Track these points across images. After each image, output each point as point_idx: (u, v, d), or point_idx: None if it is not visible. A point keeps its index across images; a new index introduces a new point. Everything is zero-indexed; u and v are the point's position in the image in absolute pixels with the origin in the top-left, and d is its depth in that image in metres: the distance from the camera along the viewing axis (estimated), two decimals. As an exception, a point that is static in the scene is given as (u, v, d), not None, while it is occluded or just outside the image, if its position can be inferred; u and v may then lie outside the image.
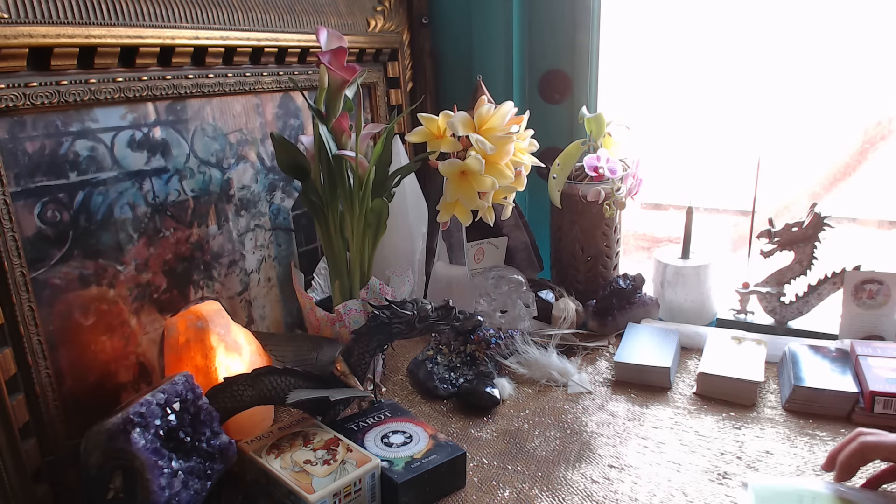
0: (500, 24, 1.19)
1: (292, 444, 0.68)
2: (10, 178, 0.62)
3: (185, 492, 0.59)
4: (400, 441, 0.71)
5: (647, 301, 1.06)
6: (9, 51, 0.59)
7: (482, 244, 1.10)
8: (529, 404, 0.87)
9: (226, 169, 0.88)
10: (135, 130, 0.75)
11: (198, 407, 0.64)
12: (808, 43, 1.07)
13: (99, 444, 0.57)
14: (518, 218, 1.14)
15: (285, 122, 0.99)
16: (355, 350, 0.77)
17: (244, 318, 0.93)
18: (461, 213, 0.92)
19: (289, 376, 0.72)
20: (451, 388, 0.89)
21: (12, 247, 0.61)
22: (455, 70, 1.28)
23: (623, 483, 0.70)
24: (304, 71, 0.99)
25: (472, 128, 0.89)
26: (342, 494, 0.63)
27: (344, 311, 0.85)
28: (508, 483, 0.71)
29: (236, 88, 0.87)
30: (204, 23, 0.80)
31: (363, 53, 1.11)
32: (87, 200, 0.70)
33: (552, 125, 1.22)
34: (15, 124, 0.63)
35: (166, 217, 0.80)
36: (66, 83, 0.65)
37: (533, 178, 1.19)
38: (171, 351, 0.75)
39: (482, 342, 0.94)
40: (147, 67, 0.74)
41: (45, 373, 0.66)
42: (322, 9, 1.00)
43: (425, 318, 0.76)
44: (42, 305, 0.65)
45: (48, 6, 0.62)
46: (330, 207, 0.86)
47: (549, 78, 1.23)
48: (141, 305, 0.77)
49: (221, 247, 0.88)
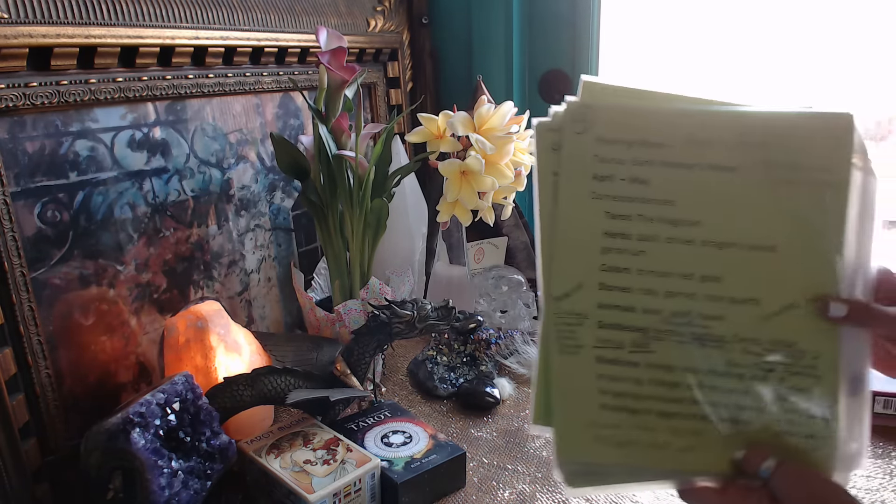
0: (500, 24, 1.19)
1: (292, 444, 0.68)
2: (10, 178, 0.62)
3: (185, 492, 0.59)
4: (400, 441, 0.71)
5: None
6: (9, 51, 0.59)
7: (482, 244, 1.10)
8: (529, 404, 0.87)
9: (226, 169, 0.88)
10: (135, 130, 0.75)
11: (198, 407, 0.64)
12: (808, 43, 1.07)
13: (99, 444, 0.57)
14: (518, 218, 1.14)
15: (285, 122, 0.99)
16: (355, 350, 0.77)
17: (244, 318, 0.93)
18: (461, 213, 0.92)
19: (289, 376, 0.72)
20: (451, 388, 0.89)
21: (12, 247, 0.61)
22: (455, 70, 1.27)
23: (623, 483, 0.70)
24: (304, 71, 0.99)
25: (472, 128, 0.89)
26: (342, 494, 0.63)
27: (344, 311, 0.85)
28: (508, 483, 0.71)
29: (236, 88, 0.87)
30: (204, 23, 0.80)
31: (363, 53, 1.11)
32: (87, 200, 0.70)
33: (552, 125, 1.22)
34: (15, 124, 0.63)
35: (166, 217, 0.80)
36: (66, 83, 0.65)
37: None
38: (171, 351, 0.75)
39: (482, 342, 0.94)
40: (147, 67, 0.74)
41: (45, 373, 0.65)
42: (322, 9, 1.00)
43: (425, 318, 0.76)
44: (42, 305, 0.65)
45: (48, 6, 0.62)
46: (330, 207, 0.86)
47: (549, 78, 1.23)
48: (141, 305, 0.77)
49: (221, 247, 0.88)
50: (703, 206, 0.44)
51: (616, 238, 0.44)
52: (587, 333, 0.44)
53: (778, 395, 0.44)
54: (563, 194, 0.45)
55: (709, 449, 0.44)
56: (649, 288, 0.45)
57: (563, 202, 0.45)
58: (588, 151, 0.45)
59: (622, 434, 0.44)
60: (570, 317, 0.45)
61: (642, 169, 0.44)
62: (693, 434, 0.44)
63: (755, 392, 0.44)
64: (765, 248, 0.44)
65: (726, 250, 0.44)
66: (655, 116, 0.45)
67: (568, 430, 0.44)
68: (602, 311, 0.45)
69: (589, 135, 0.45)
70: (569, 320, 0.45)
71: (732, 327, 0.44)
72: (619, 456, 0.44)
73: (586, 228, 0.45)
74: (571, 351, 0.44)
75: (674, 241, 0.44)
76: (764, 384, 0.44)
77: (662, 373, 0.44)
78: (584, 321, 0.44)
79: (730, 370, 0.44)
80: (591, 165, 0.45)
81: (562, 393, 0.44)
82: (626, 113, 0.46)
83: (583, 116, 0.45)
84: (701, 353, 0.44)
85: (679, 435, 0.44)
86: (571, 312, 0.45)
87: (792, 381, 0.44)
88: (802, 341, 0.44)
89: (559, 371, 0.44)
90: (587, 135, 0.45)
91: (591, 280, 0.45)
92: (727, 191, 0.44)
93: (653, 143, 0.45)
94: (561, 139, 0.46)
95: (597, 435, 0.44)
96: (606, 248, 0.44)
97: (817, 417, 0.43)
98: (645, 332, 0.44)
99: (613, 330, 0.45)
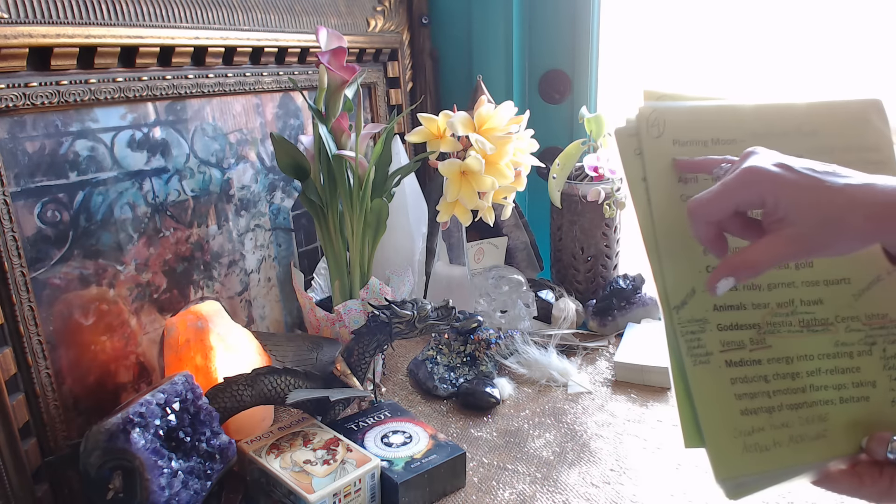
0: (500, 24, 1.19)
1: (292, 444, 0.68)
2: (10, 178, 0.62)
3: (185, 492, 0.59)
4: (400, 441, 0.71)
5: (647, 301, 1.06)
6: (9, 51, 0.59)
7: (482, 244, 1.10)
8: (529, 404, 0.87)
9: (226, 169, 0.88)
10: (135, 130, 0.75)
11: (198, 407, 0.64)
12: (809, 44, 1.07)
13: (99, 444, 0.57)
14: (518, 218, 1.15)
15: (285, 122, 0.99)
16: (355, 350, 0.77)
17: (244, 318, 0.93)
18: (461, 213, 0.92)
19: (289, 376, 0.72)
20: (451, 388, 0.89)
21: (12, 247, 0.61)
22: (455, 70, 1.28)
23: (623, 484, 0.70)
24: (304, 71, 0.99)
25: (472, 128, 0.89)
26: (342, 494, 0.63)
27: (344, 311, 0.85)
28: (508, 483, 0.71)
29: (236, 88, 0.87)
30: (204, 23, 0.80)
31: (363, 53, 1.11)
32: (87, 200, 0.70)
33: (552, 125, 1.22)
34: (15, 124, 0.63)
35: (166, 217, 0.80)
36: (66, 83, 0.65)
37: (533, 178, 1.19)
38: (171, 351, 0.75)
39: (482, 342, 0.94)
40: (147, 67, 0.74)
41: (45, 373, 0.65)
42: (322, 9, 1.00)
43: (425, 318, 0.76)
44: (42, 305, 0.65)
45: (48, 6, 0.62)
46: (330, 207, 0.86)
47: (549, 78, 1.23)
48: (141, 305, 0.77)
49: (221, 247, 0.88)
50: None
51: None
52: (712, 339, 0.45)
53: (885, 365, 0.46)
54: (655, 200, 0.46)
55: (837, 431, 0.45)
56: (752, 283, 0.46)
57: (657, 208, 0.46)
58: (669, 154, 0.47)
59: (766, 437, 0.45)
60: (693, 324, 0.45)
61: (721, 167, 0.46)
62: (821, 420, 0.45)
63: (866, 367, 0.46)
64: None
65: None
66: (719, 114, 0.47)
67: (719, 447, 0.44)
68: (718, 314, 0.46)
69: (665, 137, 0.47)
70: (692, 328, 0.45)
71: (832, 309, 0.46)
72: (766, 462, 0.45)
73: (684, 231, 0.45)
74: (703, 360, 0.45)
75: None
76: (871, 357, 0.46)
77: (783, 365, 0.46)
78: (706, 326, 0.45)
79: (839, 350, 0.46)
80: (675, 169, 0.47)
81: (706, 406, 0.45)
82: (693, 113, 0.47)
83: (656, 120, 0.47)
84: (811, 339, 0.46)
85: (810, 423, 0.45)
86: (693, 319, 0.45)
87: (893, 349, 0.46)
88: (893, 311, 0.46)
89: (698, 384, 0.45)
90: (664, 137, 0.47)
91: (702, 283, 0.46)
92: None
93: (725, 140, 0.47)
94: (640, 144, 0.47)
95: (745, 444, 0.45)
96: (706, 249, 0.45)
97: None
98: (759, 329, 0.46)
99: (733, 331, 0.46)
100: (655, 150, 0.46)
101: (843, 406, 0.45)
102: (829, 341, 0.46)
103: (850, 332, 0.46)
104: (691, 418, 0.45)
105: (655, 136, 0.47)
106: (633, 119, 0.47)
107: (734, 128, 0.47)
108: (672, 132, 0.47)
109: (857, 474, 0.44)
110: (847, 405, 0.46)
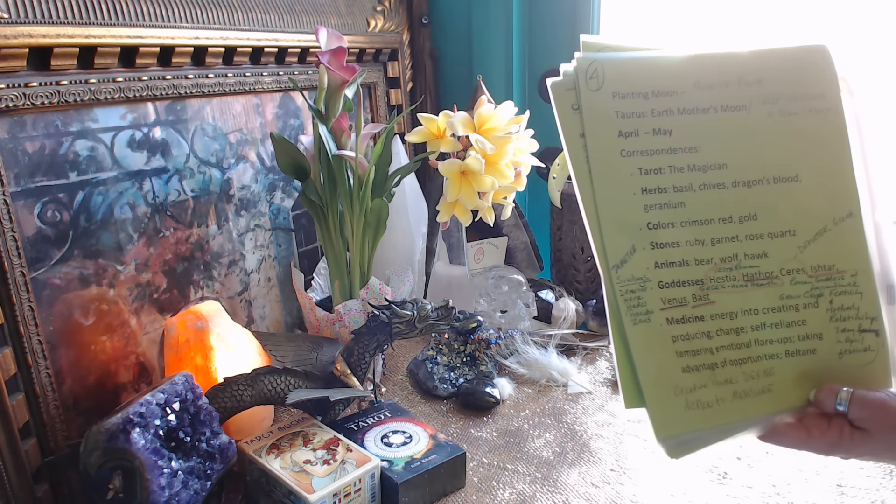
0: (500, 24, 1.19)
1: (292, 444, 0.68)
2: (10, 178, 0.62)
3: (185, 492, 0.59)
4: (400, 441, 0.71)
5: (647, 301, 1.06)
6: (9, 51, 0.59)
7: (482, 244, 1.10)
8: (529, 404, 0.87)
9: (226, 169, 0.88)
10: (135, 130, 0.75)
11: (198, 407, 0.64)
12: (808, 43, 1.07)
13: (99, 444, 0.57)
14: (518, 218, 1.15)
15: (285, 122, 0.99)
16: (355, 350, 0.77)
17: (244, 318, 0.93)
18: (461, 213, 0.92)
19: (289, 376, 0.72)
20: (451, 388, 0.89)
21: (12, 247, 0.61)
22: (455, 70, 1.28)
23: (623, 484, 0.70)
24: (304, 71, 0.99)
25: (472, 128, 0.89)
26: (342, 494, 0.63)
27: (344, 311, 0.85)
28: (508, 483, 0.71)
29: (236, 88, 0.87)
30: (204, 23, 0.80)
31: (363, 53, 1.11)
32: (87, 200, 0.70)
33: (552, 125, 1.22)
34: (15, 124, 0.63)
35: (166, 217, 0.80)
36: (66, 83, 0.65)
37: (533, 178, 1.19)
38: (171, 351, 0.75)
39: (482, 342, 0.94)
40: (147, 67, 0.74)
41: (45, 373, 0.65)
42: (322, 9, 1.00)
43: (425, 318, 0.76)
44: (42, 305, 0.65)
45: (48, 6, 0.62)
46: (330, 207, 0.86)
47: (549, 78, 1.23)
48: (141, 305, 0.77)
49: (221, 247, 0.88)
50: (725, 148, 0.45)
51: (654, 194, 0.45)
52: (652, 297, 0.44)
53: (831, 317, 0.45)
54: (594, 156, 0.45)
55: (783, 385, 0.45)
56: (695, 238, 0.45)
57: (596, 165, 0.45)
58: (608, 108, 0.45)
59: (708, 394, 0.44)
60: (633, 283, 0.44)
61: (662, 119, 0.44)
62: (767, 374, 0.45)
63: (812, 319, 0.45)
64: (789, 179, 0.45)
65: (755, 188, 0.45)
66: (660, 65, 0.46)
67: (660, 405, 0.44)
68: (659, 271, 0.45)
69: (605, 91, 0.45)
70: (632, 287, 0.44)
71: (777, 262, 0.45)
72: (710, 419, 0.44)
73: (624, 189, 0.44)
74: (643, 319, 0.44)
75: (707, 188, 0.45)
76: (817, 310, 0.45)
77: (727, 321, 0.45)
78: (646, 284, 0.44)
79: (784, 303, 0.45)
80: (615, 122, 0.45)
81: (645, 365, 0.44)
82: (633, 64, 0.46)
83: (594, 72, 0.45)
84: (755, 293, 0.45)
85: (755, 378, 0.45)
86: (633, 278, 0.44)
87: (839, 300, 0.46)
88: (839, 262, 0.46)
89: (637, 343, 0.44)
90: (603, 91, 0.45)
91: (642, 241, 0.45)
92: (743, 129, 0.45)
93: (666, 92, 0.45)
94: (578, 98, 0.45)
95: (687, 402, 0.44)
96: (647, 205, 0.44)
97: (868, 330, 0.45)
98: (701, 284, 0.45)
99: (674, 288, 0.45)
100: (594, 104, 0.45)
101: (790, 360, 0.45)
102: (774, 295, 0.45)
103: (796, 284, 0.45)
104: (631, 378, 0.44)
105: (594, 88, 0.45)
106: (570, 71, 0.45)
107: (676, 79, 0.45)
108: (612, 85, 0.45)
109: (805, 427, 0.44)
110: (793, 359, 0.45)
